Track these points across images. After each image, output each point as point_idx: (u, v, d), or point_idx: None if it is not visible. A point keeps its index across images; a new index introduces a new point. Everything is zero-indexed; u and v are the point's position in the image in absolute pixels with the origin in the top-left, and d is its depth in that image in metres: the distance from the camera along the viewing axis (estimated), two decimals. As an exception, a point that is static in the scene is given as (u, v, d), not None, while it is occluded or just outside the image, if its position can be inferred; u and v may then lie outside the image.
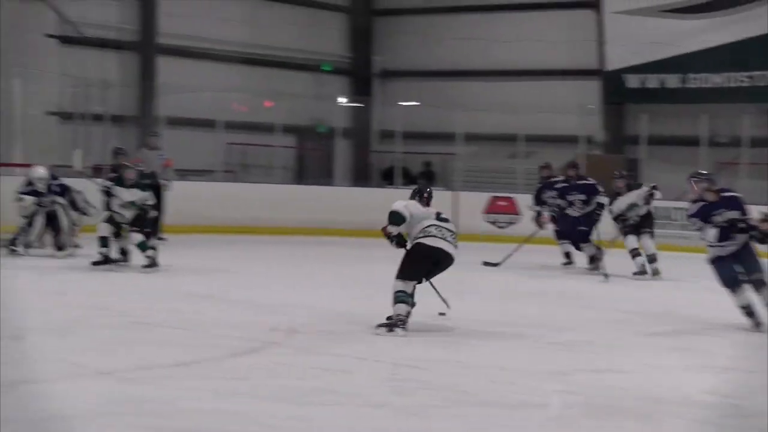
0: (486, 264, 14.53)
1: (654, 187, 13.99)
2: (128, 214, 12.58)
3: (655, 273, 13.73)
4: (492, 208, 19.87)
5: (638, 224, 13.96)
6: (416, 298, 8.74)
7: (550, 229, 15.26)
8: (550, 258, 14.86)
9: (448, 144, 22.17)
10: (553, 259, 14.81)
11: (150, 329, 8.52)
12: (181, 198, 17.21)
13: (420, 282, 8.98)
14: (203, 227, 17.93)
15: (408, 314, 8.73)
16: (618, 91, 23.14)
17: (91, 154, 18.90)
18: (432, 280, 9.13)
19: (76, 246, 13.75)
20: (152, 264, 12.48)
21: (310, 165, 26.63)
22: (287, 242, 18.11)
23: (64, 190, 14.05)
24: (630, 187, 14.12)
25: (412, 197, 9.58)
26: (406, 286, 8.83)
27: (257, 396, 6.21)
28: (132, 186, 12.66)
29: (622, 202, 13.95)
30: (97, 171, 16.07)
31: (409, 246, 9.10)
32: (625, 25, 22.91)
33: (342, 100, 25.42)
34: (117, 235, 12.72)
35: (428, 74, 26.66)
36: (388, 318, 8.72)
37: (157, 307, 9.77)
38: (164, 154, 16.93)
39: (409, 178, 23.76)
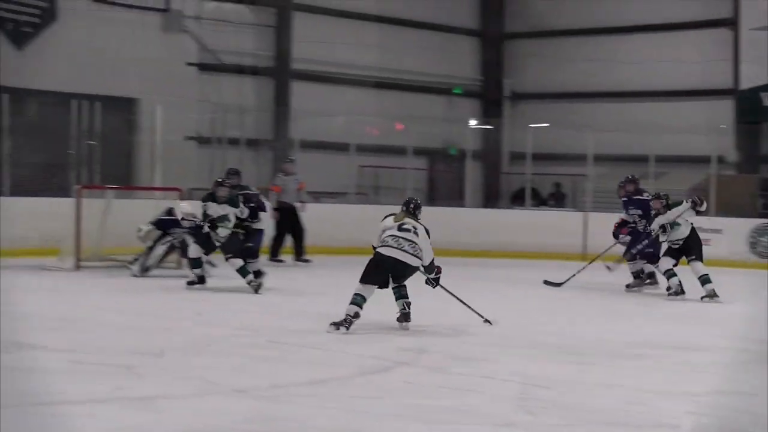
0: (547, 283, 14.29)
1: (695, 202, 13.14)
2: (222, 232, 12.62)
3: (712, 295, 12.82)
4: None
5: (682, 249, 13.14)
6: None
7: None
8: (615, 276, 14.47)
9: (578, 165, 21.98)
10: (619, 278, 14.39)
11: (284, 348, 8.63)
12: (315, 220, 17.41)
13: (381, 287, 9.72)
14: (336, 249, 18.09)
15: (356, 315, 9.46)
16: (753, 110, 22.56)
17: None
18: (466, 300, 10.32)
19: (211, 265, 13.90)
20: (256, 289, 12.40)
21: (441, 187, 26.68)
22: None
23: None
24: (669, 206, 13.33)
25: (402, 208, 10.24)
26: (363, 289, 9.60)
27: (388, 414, 6.24)
28: (224, 202, 12.75)
29: (656, 223, 13.33)
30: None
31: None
32: (764, 42, 22.39)
33: (473, 123, 25.44)
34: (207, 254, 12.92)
35: (558, 96, 26.55)
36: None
37: (291, 326, 9.89)
38: (299, 178, 17.14)
39: (538, 200, 23.64)
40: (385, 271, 9.75)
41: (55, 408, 6.05)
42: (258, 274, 12.77)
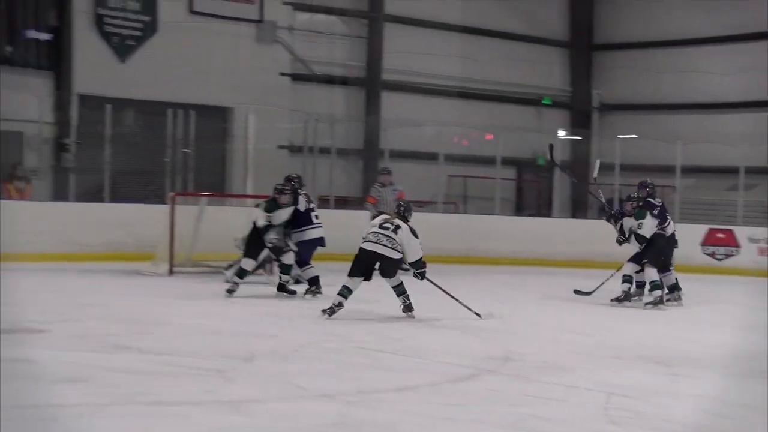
0: (577, 293, 14.08)
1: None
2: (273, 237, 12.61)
3: (656, 302, 12.90)
4: (710, 240, 19.39)
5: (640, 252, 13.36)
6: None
7: None
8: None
9: (666, 176, 21.73)
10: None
11: (371, 354, 8.68)
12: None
13: (366, 279, 10.94)
14: (423, 257, 18.10)
15: (340, 304, 10.70)
16: None
17: (318, 185, 19.47)
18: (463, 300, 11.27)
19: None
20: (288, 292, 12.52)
21: (529, 197, 26.58)
22: (504, 272, 18.12)
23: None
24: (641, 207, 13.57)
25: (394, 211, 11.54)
26: (350, 282, 10.84)
27: (473, 421, 6.26)
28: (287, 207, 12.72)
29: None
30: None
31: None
32: None
33: (561, 133, 25.30)
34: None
35: (647, 107, 26.32)
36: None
37: (379, 333, 9.95)
38: (398, 187, 17.18)
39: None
40: (366, 264, 10.89)
41: (150, 408, 6.18)
42: (313, 281, 12.85)
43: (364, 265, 10.91)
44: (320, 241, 13.24)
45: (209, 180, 20.66)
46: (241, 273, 12.40)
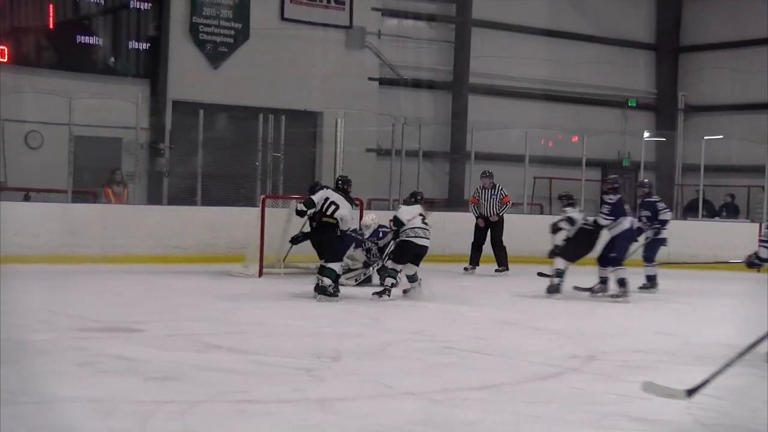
0: (577, 289, 13.83)
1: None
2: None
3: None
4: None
5: None
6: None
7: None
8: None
9: (753, 176, 21.35)
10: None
11: (457, 353, 8.66)
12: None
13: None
14: (509, 257, 18.03)
15: (393, 285, 12.32)
16: None
17: (405, 188, 19.48)
18: None
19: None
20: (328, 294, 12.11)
21: (615, 198, 26.32)
22: (589, 273, 17.93)
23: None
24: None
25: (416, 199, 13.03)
26: (395, 265, 12.35)
27: (557, 420, 6.20)
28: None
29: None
30: None
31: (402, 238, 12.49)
32: None
33: (647, 135, 25.01)
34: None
35: (733, 108, 25.87)
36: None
37: (463, 333, 9.92)
38: (503, 191, 17.16)
39: (711, 211, 23.05)
40: (417, 255, 12.45)
41: (240, 406, 6.23)
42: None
43: (414, 255, 12.45)
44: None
45: (299, 183, 20.78)
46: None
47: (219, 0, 21.23)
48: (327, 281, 12.00)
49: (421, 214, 12.63)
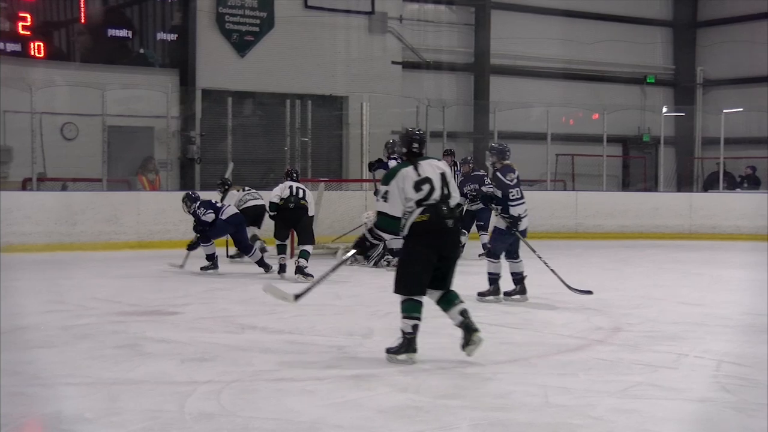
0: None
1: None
2: None
3: None
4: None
5: None
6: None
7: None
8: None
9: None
10: None
11: (485, 328, 8.54)
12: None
13: None
14: (532, 233, 17.95)
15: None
16: None
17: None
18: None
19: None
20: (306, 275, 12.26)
21: (636, 172, 26.21)
22: (612, 247, 17.89)
23: None
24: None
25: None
26: None
27: (585, 390, 6.16)
28: None
29: None
30: None
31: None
32: None
33: (666, 110, 24.86)
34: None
35: (752, 80, 25.64)
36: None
37: (493, 308, 9.88)
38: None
39: (732, 183, 22.90)
40: None
41: (275, 384, 6.23)
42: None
43: None
44: None
45: (327, 166, 20.83)
46: None
47: (244, -10, 21.24)
48: (304, 262, 12.25)
49: None
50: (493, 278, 10.48)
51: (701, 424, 5.54)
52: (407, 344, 6.97)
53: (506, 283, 10.56)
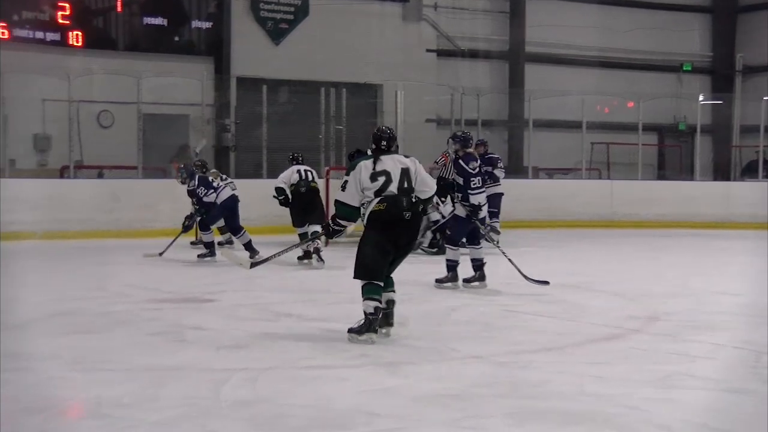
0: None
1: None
2: None
3: None
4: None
5: None
6: None
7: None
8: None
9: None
10: None
11: (520, 317, 8.61)
12: (550, 196, 17.31)
13: None
14: (568, 222, 17.94)
15: None
16: None
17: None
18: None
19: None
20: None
21: (671, 161, 26.04)
22: (648, 235, 17.79)
23: None
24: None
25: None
26: None
27: (621, 379, 6.12)
28: None
29: None
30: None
31: None
32: None
33: (702, 98, 24.66)
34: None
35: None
36: None
37: (528, 296, 9.85)
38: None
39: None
40: None
41: (310, 371, 6.24)
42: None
43: None
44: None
45: (361, 154, 20.76)
46: None
47: (279, -22, 21.27)
48: (321, 244, 12.50)
49: None
50: (452, 265, 10.40)
51: (739, 416, 5.48)
52: (368, 325, 7.17)
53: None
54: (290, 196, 12.76)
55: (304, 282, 10.90)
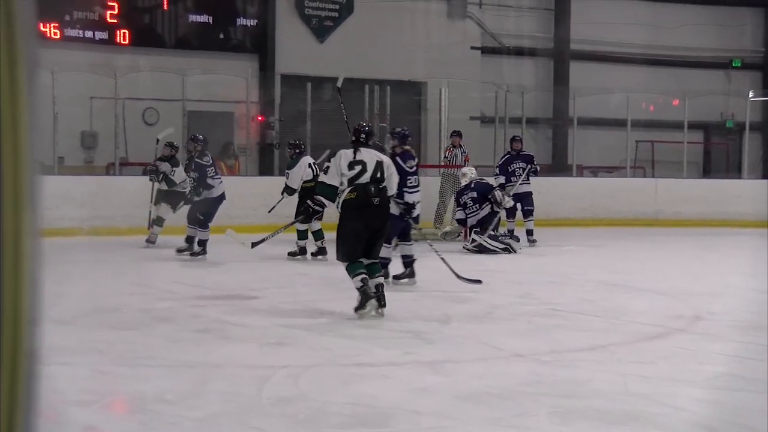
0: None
1: None
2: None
3: None
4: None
5: None
6: None
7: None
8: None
9: None
10: None
11: (564, 315, 8.56)
12: (594, 194, 17.19)
13: None
14: (611, 220, 17.82)
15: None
16: None
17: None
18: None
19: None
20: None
21: (718, 159, 25.78)
22: (693, 234, 17.63)
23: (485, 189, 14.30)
24: None
25: None
26: None
27: (665, 379, 6.06)
28: None
29: None
30: None
31: None
32: None
33: (752, 95, 24.39)
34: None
35: None
36: None
37: (570, 295, 9.80)
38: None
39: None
40: None
41: (352, 369, 6.24)
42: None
43: None
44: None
45: (405, 151, 20.75)
46: None
47: (323, -24, 21.31)
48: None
49: None
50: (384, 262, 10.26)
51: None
52: (364, 296, 8.00)
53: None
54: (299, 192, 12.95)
55: (345, 280, 10.87)
